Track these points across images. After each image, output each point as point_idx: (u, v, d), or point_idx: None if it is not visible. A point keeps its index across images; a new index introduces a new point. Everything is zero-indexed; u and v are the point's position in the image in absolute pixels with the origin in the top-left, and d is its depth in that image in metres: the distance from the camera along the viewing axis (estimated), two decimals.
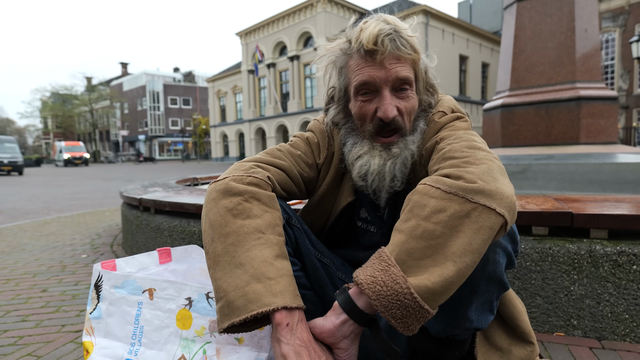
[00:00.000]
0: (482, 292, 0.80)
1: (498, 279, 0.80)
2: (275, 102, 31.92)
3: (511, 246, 0.81)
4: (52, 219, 5.16)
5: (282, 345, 0.72)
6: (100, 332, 1.01)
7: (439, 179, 0.74)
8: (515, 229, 0.83)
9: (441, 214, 0.69)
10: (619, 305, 1.49)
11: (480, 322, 0.84)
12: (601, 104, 3.77)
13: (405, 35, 0.91)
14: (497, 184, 0.71)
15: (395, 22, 0.92)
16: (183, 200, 2.52)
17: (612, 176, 3.18)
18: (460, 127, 0.96)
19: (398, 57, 0.90)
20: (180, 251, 1.22)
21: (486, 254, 0.76)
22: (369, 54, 0.90)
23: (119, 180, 14.76)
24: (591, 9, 3.98)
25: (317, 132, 1.12)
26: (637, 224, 1.50)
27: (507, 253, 0.80)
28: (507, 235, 0.80)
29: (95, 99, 51.78)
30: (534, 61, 4.12)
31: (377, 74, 0.91)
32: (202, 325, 0.91)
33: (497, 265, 0.78)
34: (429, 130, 0.99)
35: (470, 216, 0.68)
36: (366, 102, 0.95)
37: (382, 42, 0.88)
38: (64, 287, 2.38)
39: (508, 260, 0.82)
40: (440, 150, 0.87)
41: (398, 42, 0.89)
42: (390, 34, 0.88)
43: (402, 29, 0.91)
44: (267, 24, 31.31)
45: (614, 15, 22.03)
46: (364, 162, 0.97)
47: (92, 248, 3.40)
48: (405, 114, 0.95)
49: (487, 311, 0.85)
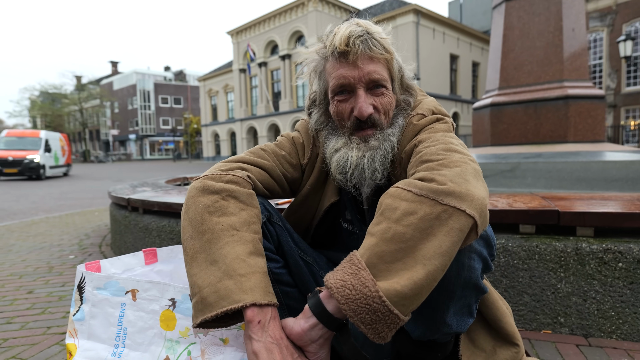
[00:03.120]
0: (458, 298, 0.80)
1: (474, 285, 0.80)
2: (267, 101, 31.83)
3: (486, 250, 0.81)
4: (40, 220, 5.09)
5: (254, 342, 0.72)
6: (83, 334, 0.99)
7: (411, 182, 0.73)
8: (490, 232, 0.82)
9: (412, 217, 0.68)
10: (605, 302, 1.51)
11: (459, 326, 0.84)
12: (589, 103, 3.82)
13: (376, 37, 0.93)
14: (468, 186, 0.70)
15: (367, 25, 0.94)
16: (171, 200, 2.50)
17: (599, 174, 3.22)
18: (439, 129, 0.95)
19: (370, 57, 0.93)
20: (166, 251, 1.20)
21: (461, 260, 0.75)
22: (342, 55, 0.93)
23: (108, 180, 14.61)
24: (578, 8, 4.03)
25: (302, 132, 1.13)
26: (622, 221, 1.51)
27: (483, 258, 0.79)
28: (482, 240, 0.79)
29: (85, 98, 51.14)
30: (523, 60, 4.16)
31: (350, 73, 0.93)
32: (187, 326, 0.90)
33: (473, 271, 0.78)
34: (408, 132, 0.99)
35: (440, 218, 0.67)
36: (342, 102, 0.97)
37: (354, 43, 0.90)
38: (51, 289, 2.35)
39: (484, 265, 0.81)
40: (417, 154, 0.87)
41: (369, 42, 0.92)
42: (361, 36, 0.91)
43: (373, 31, 0.93)
44: (259, 22, 31.19)
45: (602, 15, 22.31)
46: (341, 154, 0.98)
47: (80, 249, 3.36)
48: (381, 110, 0.97)
49: (466, 315, 0.85)
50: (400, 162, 0.98)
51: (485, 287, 0.84)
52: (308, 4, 27.17)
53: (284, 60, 29.44)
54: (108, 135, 61.28)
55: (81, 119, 51.57)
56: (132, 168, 26.24)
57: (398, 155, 0.99)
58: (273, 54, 31.21)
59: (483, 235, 0.79)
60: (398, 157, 0.99)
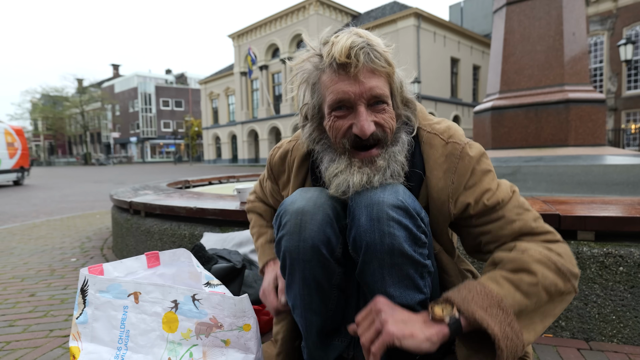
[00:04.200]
0: (390, 266, 0.83)
1: (400, 252, 0.82)
2: (268, 104, 31.89)
3: (409, 221, 0.83)
4: (41, 222, 5.10)
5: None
6: (86, 337, 1.00)
7: (551, 256, 0.85)
8: (412, 205, 0.85)
9: (553, 288, 0.83)
10: (606, 306, 1.51)
11: (404, 298, 0.85)
12: (589, 107, 3.83)
13: (378, 49, 0.87)
14: (577, 267, 0.88)
15: (367, 36, 0.89)
16: (173, 203, 2.51)
17: (600, 178, 3.22)
18: (487, 169, 0.94)
19: (372, 70, 0.87)
20: (168, 255, 1.21)
21: (380, 228, 0.82)
22: (342, 67, 0.86)
23: (110, 182, 14.63)
24: (579, 12, 4.04)
25: (269, 166, 1.20)
26: (623, 225, 1.52)
27: (404, 226, 0.82)
28: (400, 210, 0.83)
29: (86, 101, 51.27)
30: (523, 64, 4.17)
31: (351, 89, 0.86)
32: (189, 328, 0.90)
33: (394, 237, 0.81)
34: (451, 161, 0.93)
35: (565, 294, 0.85)
36: (340, 118, 0.90)
37: (356, 55, 0.84)
38: (53, 292, 2.35)
39: (409, 235, 0.83)
40: (498, 215, 0.91)
41: (372, 54, 0.86)
42: (363, 47, 0.85)
43: (375, 43, 0.88)
44: (260, 26, 31.31)
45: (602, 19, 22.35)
46: (340, 180, 0.91)
47: (82, 252, 3.37)
48: (384, 126, 0.90)
49: (411, 289, 0.86)
50: (439, 197, 0.93)
51: (424, 261, 0.86)
52: (309, 8, 27.26)
53: (285, 64, 29.48)
54: (109, 138, 61.39)
55: (82, 122, 51.70)
56: (133, 171, 26.29)
57: (435, 183, 0.93)
58: (274, 57, 31.30)
59: (401, 206, 0.83)
60: (436, 193, 0.93)
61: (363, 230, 0.83)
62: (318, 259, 0.89)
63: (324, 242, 0.89)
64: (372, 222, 0.82)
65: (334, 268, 0.92)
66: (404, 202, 0.84)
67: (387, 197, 0.84)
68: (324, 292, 0.93)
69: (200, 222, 2.38)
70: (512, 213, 0.91)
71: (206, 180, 4.98)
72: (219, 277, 1.61)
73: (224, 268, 1.66)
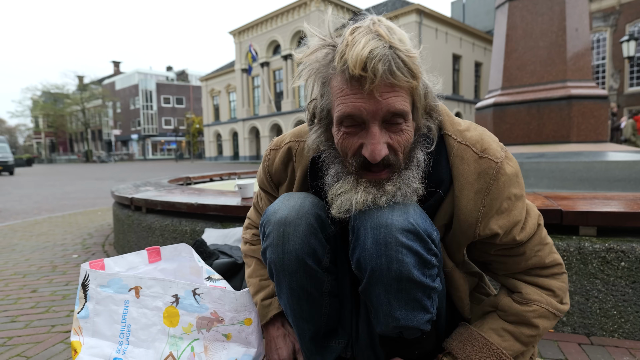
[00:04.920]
0: (397, 291, 0.78)
1: (408, 278, 0.77)
2: (269, 101, 31.86)
3: (419, 245, 0.77)
4: (43, 219, 5.11)
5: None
6: (88, 331, 1.00)
7: (552, 303, 0.90)
8: (424, 226, 0.79)
9: (548, 328, 0.91)
10: (607, 301, 1.51)
11: (410, 320, 0.81)
12: (592, 103, 3.81)
13: (403, 56, 0.72)
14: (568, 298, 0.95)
15: (390, 36, 0.73)
16: (175, 199, 2.51)
17: (602, 174, 3.21)
18: (519, 193, 0.86)
19: (391, 85, 0.72)
20: (169, 250, 1.21)
21: (389, 254, 0.76)
22: (356, 80, 0.72)
23: (111, 179, 14.65)
24: (582, 8, 4.01)
25: (267, 174, 1.07)
26: (625, 221, 1.51)
27: (413, 251, 0.77)
28: (411, 234, 0.76)
29: (87, 98, 51.31)
30: (526, 60, 4.14)
31: (364, 105, 0.73)
32: (190, 322, 0.90)
33: (402, 264, 0.76)
34: (484, 181, 0.83)
35: (553, 323, 0.92)
36: (350, 135, 0.78)
37: (373, 68, 0.70)
38: (54, 288, 2.36)
39: (418, 260, 0.78)
40: (519, 251, 0.89)
41: (393, 65, 0.71)
42: (384, 56, 0.70)
43: (399, 47, 0.72)
44: (261, 22, 31.22)
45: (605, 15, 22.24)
46: (344, 200, 0.82)
47: (84, 248, 3.37)
48: (398, 149, 0.79)
49: (418, 310, 0.81)
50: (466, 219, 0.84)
51: (432, 283, 0.81)
52: (310, 4, 27.18)
53: (286, 60, 29.45)
54: (110, 136, 61.45)
55: (83, 119, 51.77)
56: (135, 168, 26.32)
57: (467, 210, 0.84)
58: (275, 53, 31.22)
59: (412, 229, 0.76)
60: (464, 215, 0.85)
61: (368, 254, 0.77)
62: (304, 269, 0.85)
63: (309, 253, 0.85)
64: (378, 247, 0.76)
65: (323, 277, 0.89)
66: (415, 224, 0.78)
67: (396, 220, 0.77)
68: (314, 301, 0.90)
69: (201, 218, 2.38)
70: (532, 250, 0.89)
71: (207, 177, 4.98)
72: (221, 273, 1.61)
73: (225, 263, 1.65)
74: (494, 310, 0.94)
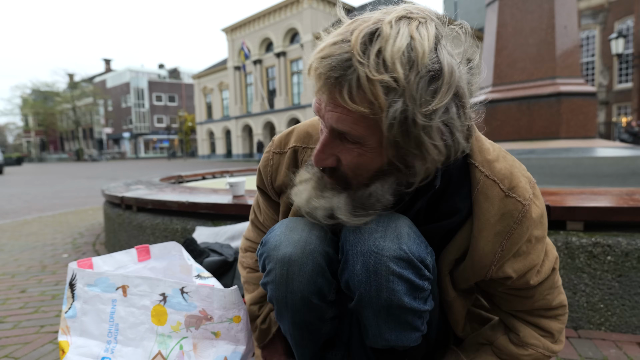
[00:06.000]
0: (387, 316, 0.75)
1: (398, 306, 0.73)
2: (262, 98, 31.75)
3: (411, 272, 0.73)
4: (32, 219, 5.06)
5: None
6: (75, 331, 1.00)
7: (549, 346, 0.88)
8: (417, 252, 0.74)
9: None
10: (594, 295, 1.53)
11: (401, 340, 0.79)
12: (580, 100, 3.85)
13: (362, 75, 0.57)
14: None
15: (361, 44, 0.58)
16: (165, 197, 2.49)
17: (590, 170, 3.25)
18: (540, 235, 0.80)
19: (337, 103, 0.63)
20: (159, 248, 1.21)
21: (378, 283, 0.72)
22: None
23: (103, 178, 14.52)
24: (570, 6, 4.05)
25: (260, 176, 1.00)
26: (611, 215, 1.53)
27: (405, 279, 0.72)
28: (403, 261, 0.72)
29: (78, 96, 50.78)
30: (516, 57, 4.18)
31: (317, 109, 0.69)
32: (178, 321, 0.90)
33: (393, 293, 0.72)
34: (507, 224, 0.75)
35: None
36: (321, 131, 0.73)
37: (319, 78, 0.61)
38: (44, 288, 2.34)
39: (410, 287, 0.74)
40: (528, 294, 0.84)
41: (345, 83, 0.59)
42: (332, 68, 0.59)
43: (363, 61, 0.57)
44: (253, 20, 31.07)
45: (594, 13, 22.46)
46: (297, 190, 0.79)
47: (74, 247, 3.34)
48: (346, 170, 0.72)
49: (408, 330, 0.78)
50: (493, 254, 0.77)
51: (423, 306, 0.77)
52: (303, 1, 27.08)
53: (279, 58, 29.35)
54: (102, 134, 60.87)
55: (74, 118, 51.23)
56: (127, 166, 26.11)
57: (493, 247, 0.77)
58: (268, 51, 31.10)
59: (404, 257, 0.72)
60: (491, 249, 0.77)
61: (357, 280, 0.74)
62: (309, 307, 0.80)
63: (315, 292, 0.79)
64: (368, 274, 0.72)
65: (327, 309, 0.85)
66: (408, 252, 0.72)
67: (387, 246, 0.72)
68: (316, 329, 0.87)
69: (192, 216, 2.38)
70: (542, 294, 0.85)
71: (200, 175, 4.96)
72: (211, 271, 1.61)
73: (215, 261, 1.65)
74: (489, 345, 0.92)
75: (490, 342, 0.92)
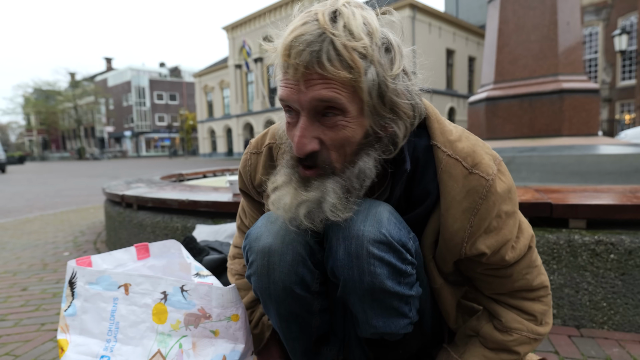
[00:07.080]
0: (371, 301, 0.76)
1: (381, 289, 0.74)
2: (263, 97, 31.73)
3: (392, 255, 0.74)
4: (34, 217, 5.07)
5: None
6: (75, 329, 0.99)
7: (533, 329, 0.88)
8: (397, 236, 0.75)
9: (528, 352, 0.91)
10: (597, 293, 1.52)
11: (389, 326, 0.80)
12: (583, 97, 3.82)
13: (339, 44, 0.64)
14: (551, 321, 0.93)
15: (329, 21, 0.65)
16: (165, 195, 2.49)
17: (593, 167, 3.23)
18: (510, 210, 0.79)
19: (321, 75, 0.66)
20: (158, 246, 1.20)
21: (360, 266, 0.73)
22: (286, 66, 0.68)
23: (104, 177, 14.54)
24: (573, 2, 4.02)
25: (241, 178, 1.02)
26: (614, 213, 1.52)
27: (386, 263, 0.73)
28: (383, 245, 0.73)
29: (79, 95, 50.84)
30: (518, 54, 4.15)
31: (291, 95, 0.69)
32: (177, 319, 0.89)
33: (374, 276, 0.73)
34: (473, 200, 0.75)
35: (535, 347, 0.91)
36: (291, 125, 0.74)
37: (297, 55, 0.65)
38: (45, 286, 2.34)
39: (392, 270, 0.75)
40: (506, 272, 0.84)
41: (323, 54, 0.64)
42: (311, 43, 0.64)
43: (335, 33, 0.64)
44: (254, 18, 31.05)
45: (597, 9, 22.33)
46: (276, 197, 0.78)
47: (75, 246, 3.35)
48: (330, 147, 0.72)
49: (395, 317, 0.79)
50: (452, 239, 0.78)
51: (408, 291, 0.78)
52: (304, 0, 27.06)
53: None
54: (103, 132, 60.93)
55: (76, 116, 51.33)
56: (128, 165, 26.14)
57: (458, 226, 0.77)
58: None
59: (384, 240, 0.73)
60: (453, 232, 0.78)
61: (340, 265, 0.75)
62: (292, 297, 0.81)
63: (297, 282, 0.80)
64: (350, 258, 0.73)
65: (313, 300, 0.85)
66: (387, 235, 0.73)
67: (367, 230, 0.73)
68: (304, 321, 0.87)
69: (192, 214, 2.37)
70: (520, 273, 0.85)
71: (200, 174, 4.96)
72: (211, 269, 1.60)
73: (215, 259, 1.65)
74: (475, 336, 0.92)
75: (476, 332, 0.91)
